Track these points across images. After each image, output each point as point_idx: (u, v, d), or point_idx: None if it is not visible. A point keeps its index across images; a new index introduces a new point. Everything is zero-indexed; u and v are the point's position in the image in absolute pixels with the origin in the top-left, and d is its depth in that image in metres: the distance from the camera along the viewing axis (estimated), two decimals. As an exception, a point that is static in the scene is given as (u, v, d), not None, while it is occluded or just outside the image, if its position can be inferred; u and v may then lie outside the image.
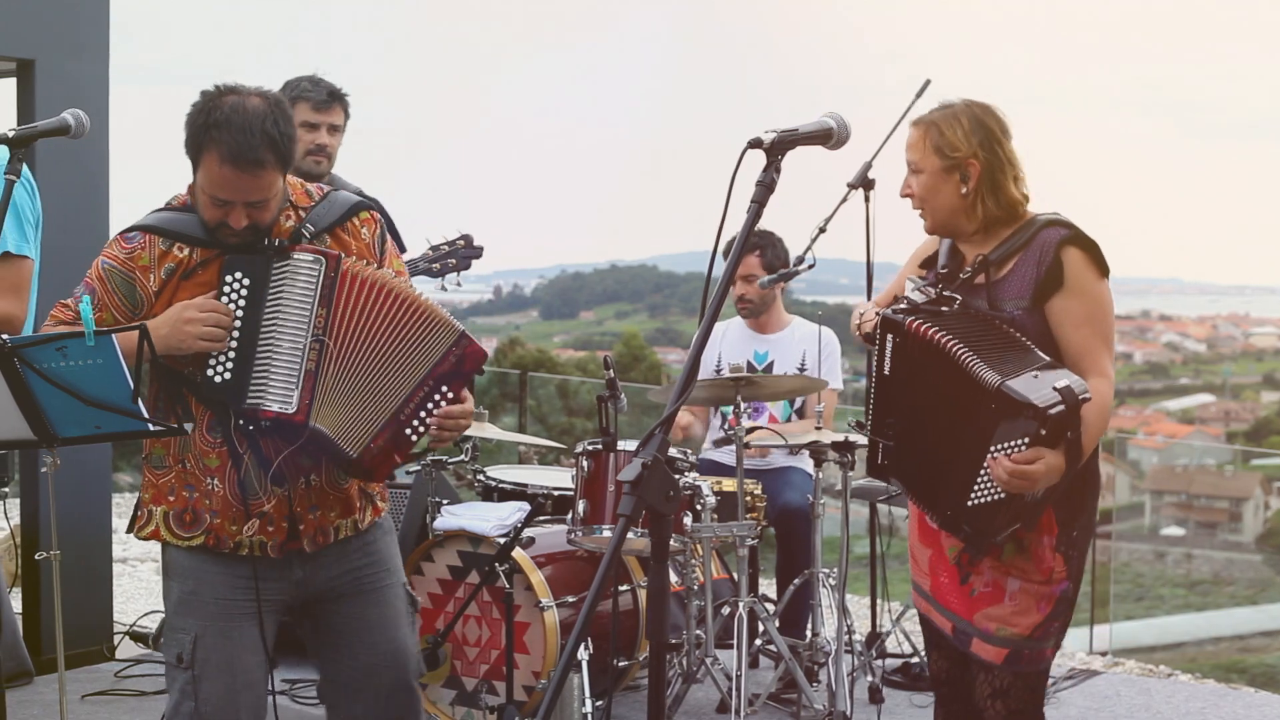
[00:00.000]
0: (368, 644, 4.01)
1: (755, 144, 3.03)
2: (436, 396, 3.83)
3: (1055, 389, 3.62)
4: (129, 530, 4.00)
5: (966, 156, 3.92)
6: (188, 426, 3.75)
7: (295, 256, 3.78)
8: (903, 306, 3.88)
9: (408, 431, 3.83)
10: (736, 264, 2.98)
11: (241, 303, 3.73)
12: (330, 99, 5.86)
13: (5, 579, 6.50)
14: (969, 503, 3.77)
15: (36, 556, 4.45)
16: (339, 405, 3.76)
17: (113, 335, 3.51)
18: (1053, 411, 3.60)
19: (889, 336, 3.86)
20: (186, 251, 3.80)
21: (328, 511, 3.93)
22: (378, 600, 4.03)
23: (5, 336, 3.54)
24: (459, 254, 5.93)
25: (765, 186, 3.02)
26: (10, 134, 3.95)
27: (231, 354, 3.72)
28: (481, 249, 5.96)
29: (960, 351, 3.70)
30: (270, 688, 3.99)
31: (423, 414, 3.83)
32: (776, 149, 3.05)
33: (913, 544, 4.22)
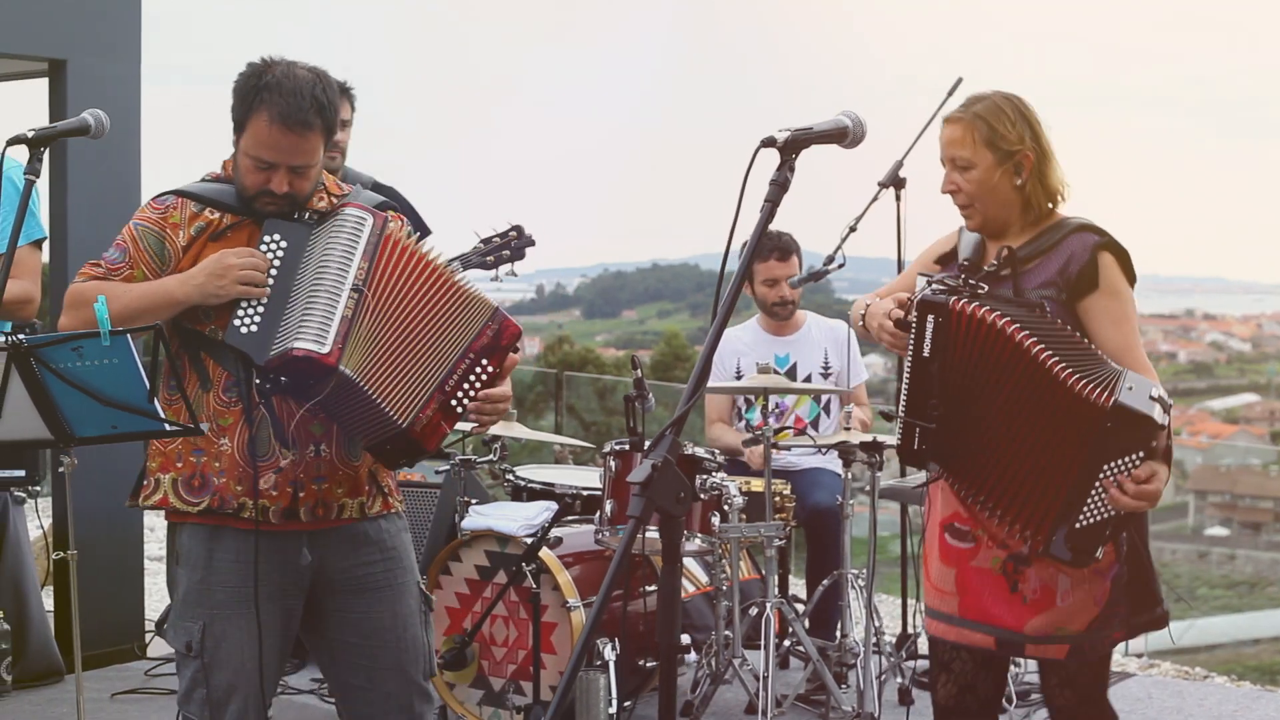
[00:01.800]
0: (376, 644, 4.00)
1: (768, 143, 3.01)
2: (478, 369, 3.87)
3: (1152, 398, 3.64)
4: (132, 500, 4.03)
5: (1022, 149, 3.92)
6: (204, 426, 3.76)
7: (345, 210, 3.86)
8: (941, 288, 3.83)
9: (453, 403, 3.86)
10: (749, 264, 2.96)
11: (277, 262, 3.78)
12: (339, 93, 5.87)
13: (39, 577, 6.54)
14: (1078, 525, 3.72)
15: (53, 556, 4.49)
16: (381, 368, 3.75)
17: (128, 335, 3.52)
18: (1166, 424, 3.63)
19: (929, 317, 3.79)
20: (218, 215, 3.87)
21: (334, 487, 3.91)
22: (389, 598, 4.01)
23: (22, 336, 3.55)
24: (512, 245, 5.90)
25: (779, 186, 3.00)
26: (30, 134, 3.98)
27: (261, 308, 3.73)
28: (533, 239, 5.92)
29: (1040, 350, 3.67)
30: (278, 673, 4.03)
31: (466, 386, 3.87)
32: (790, 148, 3.02)
33: (931, 565, 4.14)
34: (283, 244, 3.80)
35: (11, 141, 4.03)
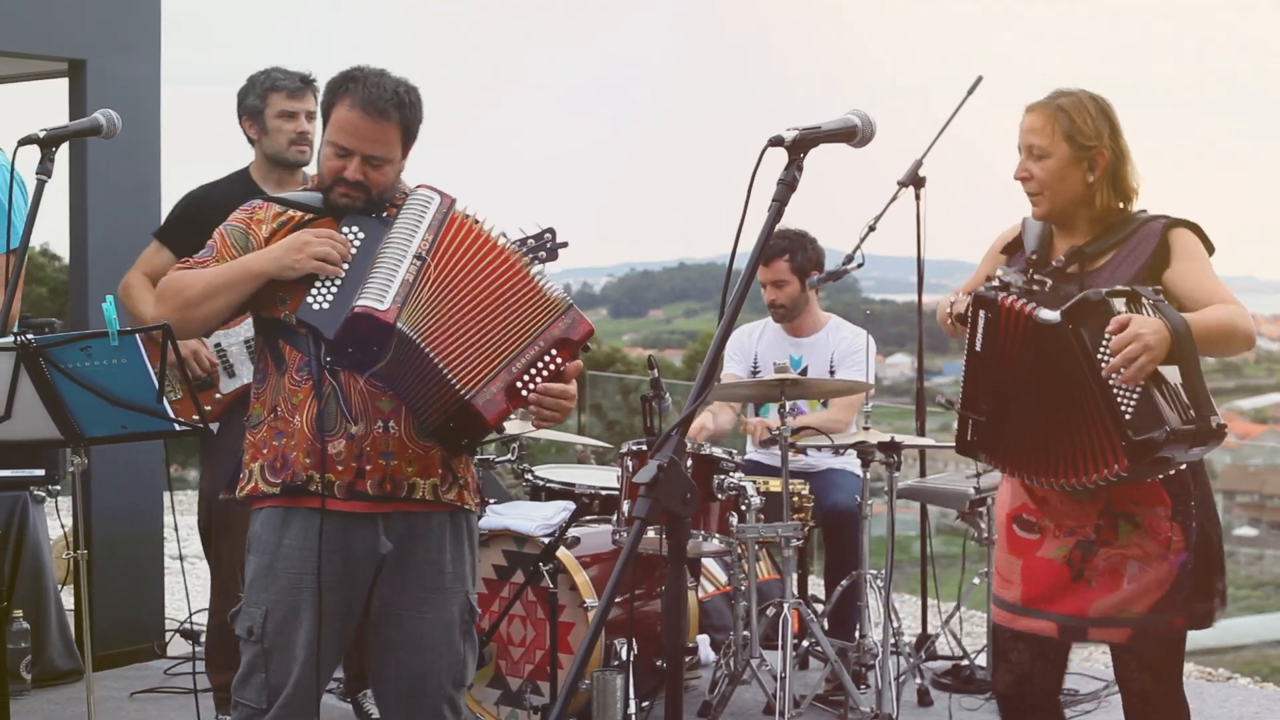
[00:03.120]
0: (413, 645, 4.02)
1: (776, 142, 3.01)
2: (547, 358, 3.90)
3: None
4: (227, 491, 4.06)
5: (1098, 146, 4.00)
6: (213, 426, 3.78)
7: (415, 190, 3.97)
8: (995, 284, 3.93)
9: (518, 385, 3.87)
10: (757, 262, 2.96)
11: (353, 250, 3.87)
12: (303, 85, 5.84)
13: (59, 576, 6.55)
14: (1127, 416, 3.74)
15: (63, 556, 4.47)
16: (443, 332, 3.80)
17: (136, 335, 3.53)
18: (1117, 286, 3.79)
19: (981, 313, 3.92)
20: (300, 214, 3.98)
21: (404, 464, 3.92)
22: (436, 602, 4.02)
23: (30, 336, 3.56)
24: (545, 247, 5.91)
25: (787, 185, 3.00)
26: (41, 134, 3.98)
27: (335, 287, 3.81)
28: (566, 241, 5.95)
29: (1034, 311, 3.78)
30: (334, 663, 4.11)
31: (534, 370, 3.89)
32: (798, 147, 3.02)
33: (1000, 558, 4.21)
34: (360, 234, 3.89)
35: (23, 142, 4.04)
